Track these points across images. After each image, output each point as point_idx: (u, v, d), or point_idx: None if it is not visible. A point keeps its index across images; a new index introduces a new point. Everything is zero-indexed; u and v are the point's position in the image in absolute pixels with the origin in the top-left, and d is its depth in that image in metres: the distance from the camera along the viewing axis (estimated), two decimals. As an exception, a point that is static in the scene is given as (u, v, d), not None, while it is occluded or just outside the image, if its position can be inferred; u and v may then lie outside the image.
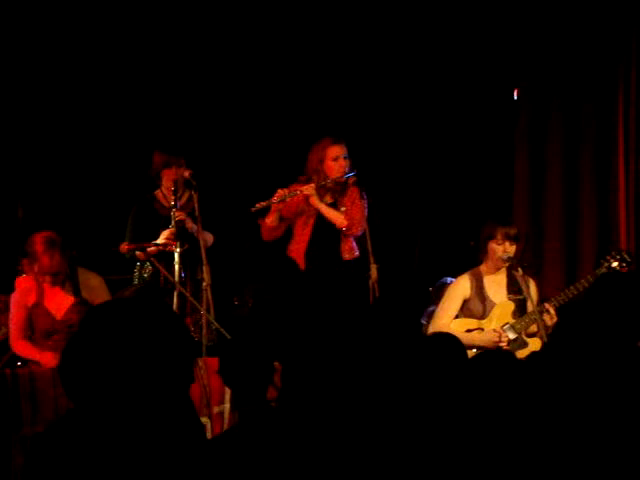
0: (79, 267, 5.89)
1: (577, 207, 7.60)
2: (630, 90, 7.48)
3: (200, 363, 5.36)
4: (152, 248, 6.15)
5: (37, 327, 5.67)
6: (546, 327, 5.52)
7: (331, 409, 2.78)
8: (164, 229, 6.22)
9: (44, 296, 5.67)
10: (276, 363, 3.56)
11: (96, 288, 5.79)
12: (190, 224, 6.26)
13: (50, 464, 2.28)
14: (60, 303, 5.68)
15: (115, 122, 7.86)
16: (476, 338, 5.64)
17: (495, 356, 2.90)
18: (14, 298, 5.74)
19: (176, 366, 2.34)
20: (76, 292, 5.69)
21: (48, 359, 5.52)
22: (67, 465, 2.26)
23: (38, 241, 5.61)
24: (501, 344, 5.58)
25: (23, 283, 5.75)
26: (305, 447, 2.60)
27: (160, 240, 6.18)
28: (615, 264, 5.74)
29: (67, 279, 5.72)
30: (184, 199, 6.43)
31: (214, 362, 5.74)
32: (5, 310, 6.25)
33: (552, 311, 5.56)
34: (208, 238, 6.36)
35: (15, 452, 5.01)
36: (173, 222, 6.18)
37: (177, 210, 6.22)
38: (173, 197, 6.24)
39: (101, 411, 2.27)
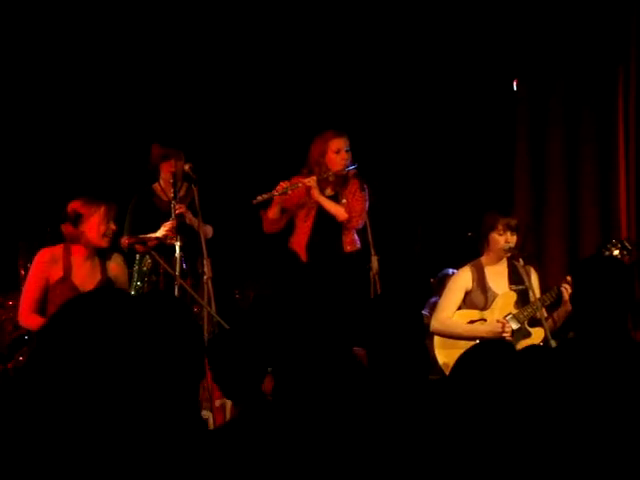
0: None
1: (578, 196, 7.59)
2: (630, 79, 7.46)
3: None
4: (152, 241, 6.14)
5: (58, 302, 5.02)
6: (565, 301, 5.49)
7: (330, 403, 2.77)
8: (163, 222, 6.22)
9: (72, 271, 5.32)
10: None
11: (119, 267, 5.51)
12: (190, 217, 6.25)
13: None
14: (87, 280, 5.33)
15: (112, 116, 7.85)
16: (479, 329, 5.63)
17: (495, 346, 2.88)
18: (35, 268, 5.33)
19: (182, 360, 2.31)
20: (103, 270, 5.40)
21: None
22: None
23: (103, 208, 5.30)
24: (505, 335, 5.56)
25: (48, 254, 5.33)
26: (302, 442, 2.59)
27: (160, 232, 6.18)
28: (616, 252, 5.71)
29: (96, 255, 5.39)
30: (182, 191, 6.43)
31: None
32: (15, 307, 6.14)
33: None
34: (208, 230, 6.36)
35: None
36: (173, 214, 6.18)
37: (177, 203, 6.22)
38: (172, 189, 6.24)
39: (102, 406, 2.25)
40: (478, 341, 5.51)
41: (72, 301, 2.36)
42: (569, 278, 5.46)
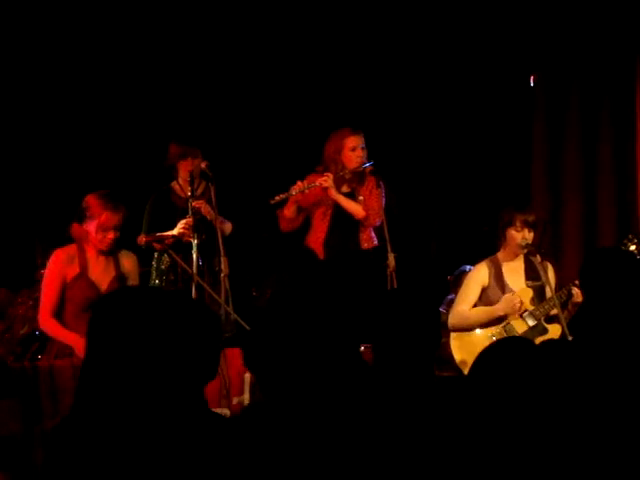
0: None
1: (596, 192, 7.57)
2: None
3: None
4: (169, 239, 6.15)
5: (77, 299, 5.25)
6: (575, 304, 5.51)
7: (346, 398, 2.77)
8: (181, 220, 6.22)
9: (88, 266, 5.31)
10: None
11: (132, 264, 5.51)
12: (207, 209, 6.24)
13: (66, 456, 2.29)
14: (103, 276, 5.33)
15: (130, 114, 7.87)
16: (498, 308, 5.62)
17: (514, 343, 2.88)
18: (52, 270, 5.31)
19: (195, 360, 2.32)
20: (117, 266, 5.39)
21: (79, 344, 4.90)
22: (82, 457, 2.27)
23: (105, 215, 5.24)
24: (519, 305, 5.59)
25: (63, 254, 5.32)
26: (308, 441, 2.59)
27: (176, 230, 6.19)
28: (633, 247, 5.70)
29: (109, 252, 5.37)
30: (200, 190, 6.43)
31: (233, 353, 5.76)
32: (25, 304, 6.20)
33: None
34: (226, 227, 6.37)
35: (36, 445, 4.99)
36: (190, 212, 6.19)
37: (194, 200, 6.22)
38: (190, 188, 6.25)
39: (111, 405, 2.28)
40: (493, 335, 5.55)
41: (117, 295, 2.40)
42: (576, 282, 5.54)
